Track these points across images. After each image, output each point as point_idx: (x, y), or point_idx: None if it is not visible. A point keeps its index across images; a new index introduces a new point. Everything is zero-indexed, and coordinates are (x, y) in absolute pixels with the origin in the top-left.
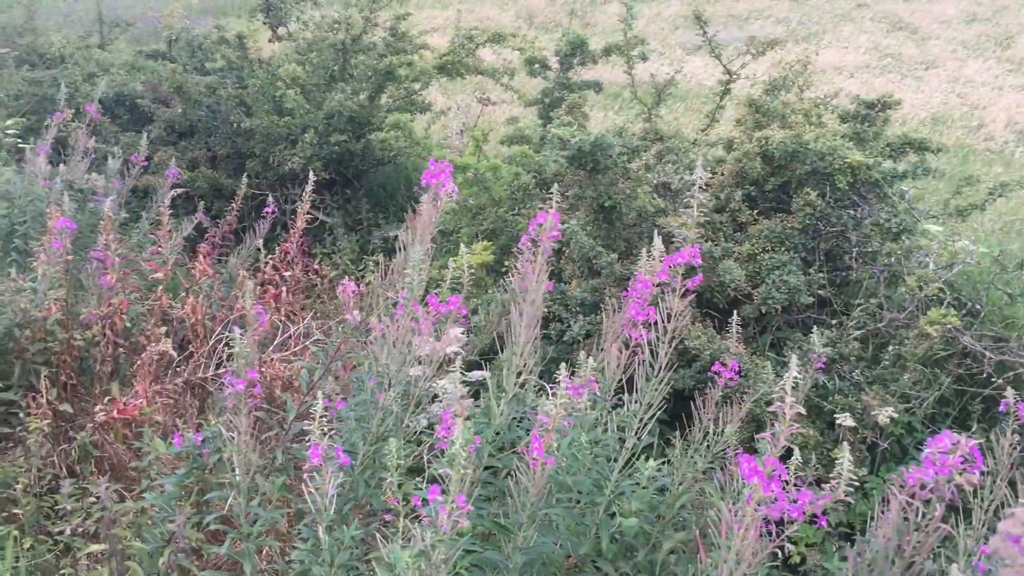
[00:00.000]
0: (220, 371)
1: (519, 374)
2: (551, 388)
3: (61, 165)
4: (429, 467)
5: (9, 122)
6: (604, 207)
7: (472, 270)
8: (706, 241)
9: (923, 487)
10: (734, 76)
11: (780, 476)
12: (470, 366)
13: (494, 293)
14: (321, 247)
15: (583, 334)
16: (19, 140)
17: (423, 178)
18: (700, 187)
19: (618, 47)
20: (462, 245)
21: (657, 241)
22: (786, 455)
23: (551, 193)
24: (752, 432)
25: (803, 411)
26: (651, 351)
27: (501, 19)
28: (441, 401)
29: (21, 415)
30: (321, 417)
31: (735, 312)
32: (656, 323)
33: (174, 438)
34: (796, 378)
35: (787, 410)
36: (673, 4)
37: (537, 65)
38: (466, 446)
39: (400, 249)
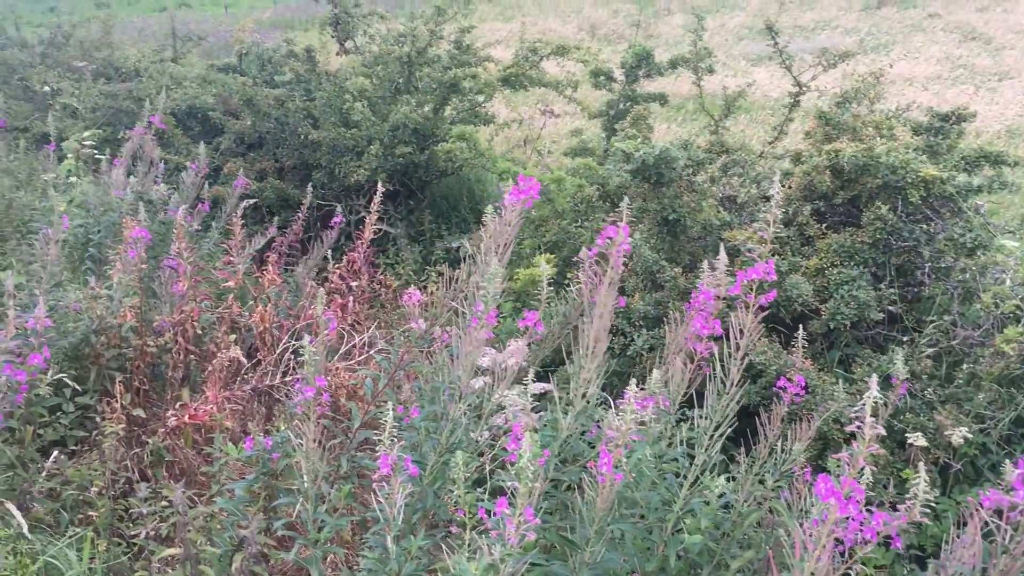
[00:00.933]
0: (287, 379)
1: (585, 388)
2: (617, 402)
3: (132, 177)
4: (492, 478)
5: (86, 134)
6: (668, 220)
7: (536, 282)
8: (773, 255)
9: (1013, 508)
10: (804, 88)
11: (858, 497)
12: (537, 378)
13: (556, 305)
14: (385, 257)
15: (646, 348)
16: (95, 151)
17: (512, 194)
18: (776, 203)
19: (685, 59)
20: (542, 262)
21: (721, 254)
22: (857, 474)
23: (617, 206)
24: (819, 450)
25: (884, 432)
26: (720, 366)
27: (564, 31)
28: (505, 412)
29: (97, 419)
30: (391, 427)
31: (802, 327)
32: (720, 336)
33: (245, 443)
34: (877, 398)
35: (867, 431)
36: (738, 15)
37: (602, 77)
38: (535, 460)
39: (464, 259)
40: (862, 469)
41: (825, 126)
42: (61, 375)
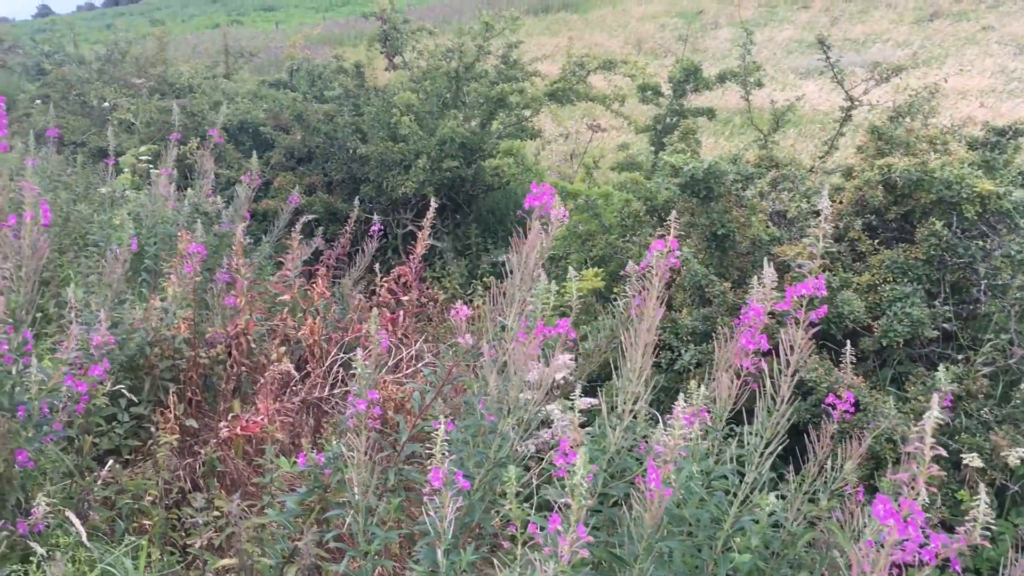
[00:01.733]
0: (335, 391)
1: (632, 403)
2: (665, 418)
3: (188, 189)
4: (538, 492)
5: (142, 148)
6: (717, 235)
7: (581, 296)
8: (823, 271)
9: None
10: (856, 102)
11: (917, 519)
12: (583, 392)
13: (603, 319)
14: (431, 271)
15: (694, 363)
16: (150, 165)
17: (526, 201)
18: (826, 217)
19: (733, 73)
20: (571, 270)
21: (769, 269)
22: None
23: (664, 221)
24: (871, 469)
25: (944, 453)
26: (770, 382)
27: (609, 45)
28: (551, 426)
29: (151, 429)
30: (442, 441)
31: (853, 344)
32: (769, 352)
33: (298, 457)
34: (939, 418)
35: (927, 452)
36: (787, 28)
37: (649, 92)
38: (586, 476)
39: (509, 274)
40: (921, 491)
41: (878, 141)
42: (118, 386)
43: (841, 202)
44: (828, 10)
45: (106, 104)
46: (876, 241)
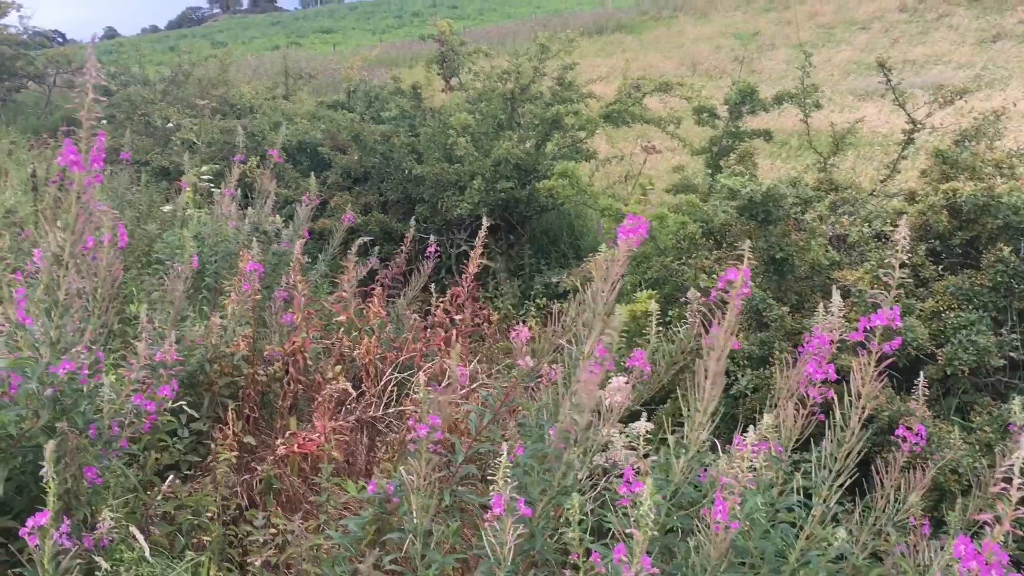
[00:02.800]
0: (389, 410)
1: (699, 432)
2: (727, 447)
3: (249, 208)
4: (591, 517)
5: (204, 168)
6: (775, 259)
7: (636, 319)
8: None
9: None
10: (918, 125)
11: (1001, 562)
12: (632, 416)
13: (659, 343)
14: (484, 291)
15: (750, 388)
16: (211, 184)
17: (619, 232)
18: (903, 247)
19: (791, 95)
20: (645, 298)
21: (836, 297)
22: (978, 530)
23: (721, 244)
24: (935, 501)
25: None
26: (833, 412)
27: (664, 67)
28: (609, 451)
29: (211, 445)
30: (505, 467)
31: (915, 371)
32: (839, 383)
33: (367, 483)
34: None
35: (1013, 493)
36: (844, 50)
37: (706, 114)
38: (652, 507)
39: (565, 295)
40: (981, 524)
41: (942, 164)
42: (181, 403)
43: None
44: (887, 31)
45: (170, 124)
46: (940, 267)
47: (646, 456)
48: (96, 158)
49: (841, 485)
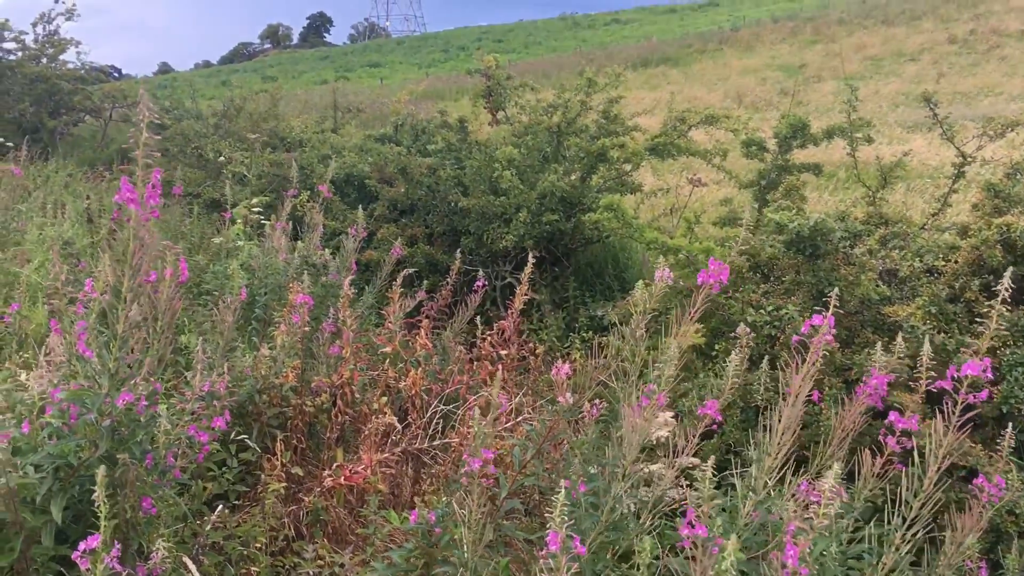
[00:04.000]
0: (435, 442)
1: (769, 476)
2: (794, 490)
3: (299, 242)
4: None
5: (254, 200)
6: (824, 294)
7: (682, 353)
8: (939, 333)
9: None
10: (969, 159)
11: None
12: (676, 451)
13: (705, 377)
14: (529, 323)
15: (799, 424)
16: (261, 216)
17: (699, 277)
18: (1002, 299)
19: (841, 129)
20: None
21: (899, 341)
22: None
23: (768, 277)
24: (991, 543)
25: None
26: (912, 460)
27: (709, 99)
28: (649, 485)
29: (261, 475)
30: (562, 505)
31: (970, 408)
32: (883, 415)
33: (410, 513)
34: None
35: None
36: (892, 82)
37: (754, 147)
38: (734, 564)
39: (609, 327)
40: None
41: (994, 198)
42: (238, 437)
43: (956, 262)
44: (936, 63)
45: (221, 158)
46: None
47: (689, 487)
48: (152, 195)
49: (915, 534)
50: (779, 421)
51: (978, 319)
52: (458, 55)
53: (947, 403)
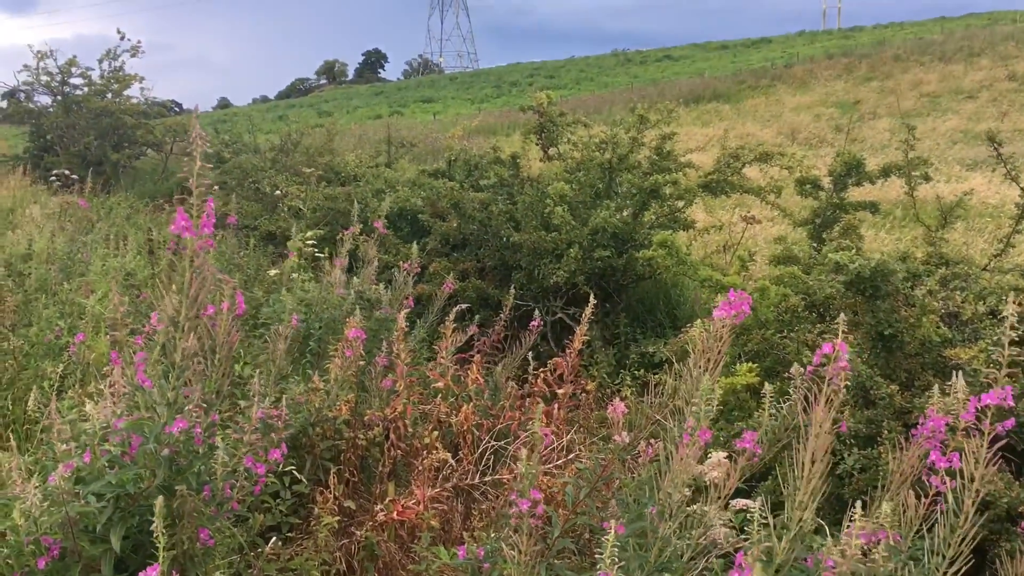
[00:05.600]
0: (486, 478)
1: (801, 512)
2: (834, 529)
3: (354, 277)
4: None
5: (309, 234)
6: (883, 335)
7: (736, 392)
8: (1007, 378)
9: None
10: None
11: None
12: (734, 492)
13: (759, 417)
14: (579, 359)
15: (857, 468)
16: (315, 249)
17: (720, 309)
18: (1010, 323)
19: (898, 167)
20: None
21: (958, 381)
22: None
23: (824, 317)
24: None
25: None
26: (946, 496)
27: (762, 135)
28: (709, 529)
29: (314, 509)
30: (612, 546)
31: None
32: (956, 469)
33: (458, 549)
34: None
35: None
36: (950, 119)
37: (809, 185)
38: None
39: (668, 366)
40: None
41: None
42: (291, 468)
43: (1021, 304)
44: (995, 100)
45: (278, 192)
46: None
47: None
48: (206, 224)
49: (956, 573)
50: (802, 454)
51: None
52: (510, 91)
53: (974, 434)
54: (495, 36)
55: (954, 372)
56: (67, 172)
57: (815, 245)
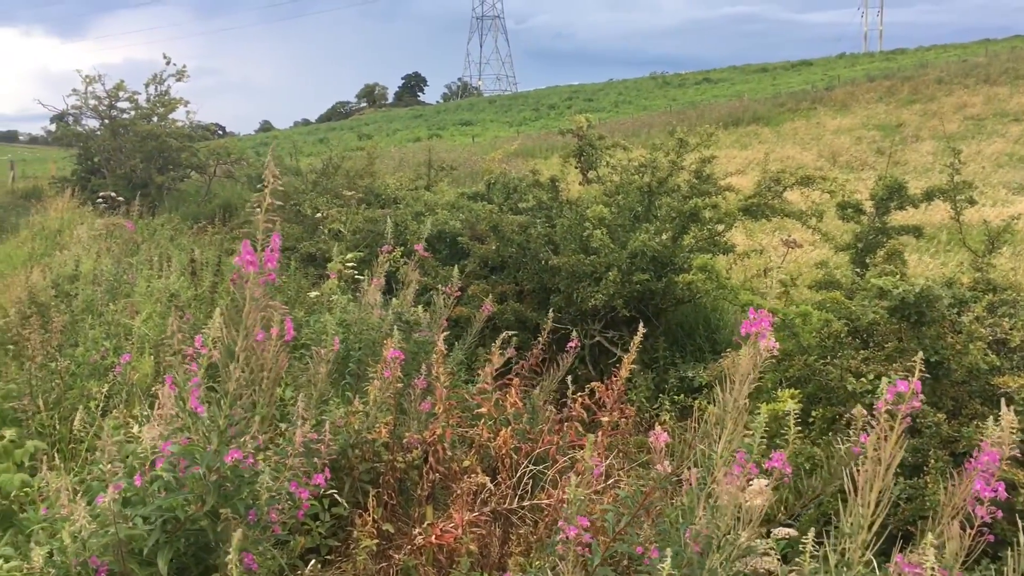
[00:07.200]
0: (524, 503)
1: (862, 551)
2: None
3: (393, 299)
4: None
5: (349, 256)
6: (929, 362)
7: (777, 418)
8: None
9: None
10: None
11: None
12: (774, 522)
13: (803, 446)
14: (624, 387)
15: (903, 498)
16: (355, 271)
17: (743, 328)
18: None
19: (942, 190)
20: (786, 398)
21: (1009, 413)
22: None
23: (867, 343)
24: None
25: None
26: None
27: (802, 158)
28: (749, 557)
29: (352, 531)
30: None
31: None
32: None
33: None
34: None
35: None
36: (996, 142)
37: (850, 209)
38: None
39: (707, 391)
40: None
41: None
42: (330, 491)
43: None
44: None
45: (319, 214)
46: None
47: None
48: (270, 259)
49: None
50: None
51: None
52: (548, 113)
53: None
54: (534, 59)
55: (1002, 401)
56: (113, 194)
57: (858, 270)
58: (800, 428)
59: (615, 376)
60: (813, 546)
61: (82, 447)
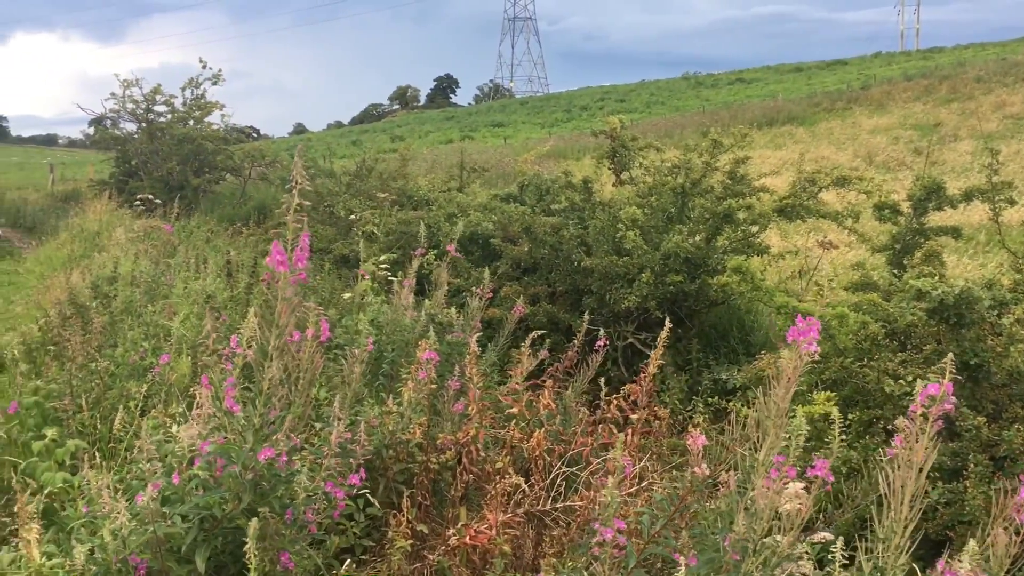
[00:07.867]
0: (557, 505)
1: (896, 556)
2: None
3: (426, 300)
4: None
5: (382, 257)
6: (969, 365)
7: (813, 421)
8: None
9: None
10: None
11: None
12: (811, 525)
13: (839, 449)
14: (653, 385)
15: (942, 502)
16: (388, 273)
17: (789, 335)
18: None
19: (980, 191)
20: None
21: None
22: None
23: (905, 346)
24: None
25: None
26: None
27: (838, 158)
28: (787, 562)
29: (387, 532)
30: None
31: None
32: None
33: None
34: None
35: None
36: None
37: (887, 210)
38: None
39: (742, 393)
40: None
41: None
42: (364, 490)
43: None
44: None
45: (352, 216)
46: None
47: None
48: (300, 258)
49: None
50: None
51: None
52: (580, 115)
53: None
54: (565, 61)
55: None
56: (151, 197)
57: (895, 271)
58: (846, 430)
59: (645, 373)
60: (847, 552)
61: (121, 446)
